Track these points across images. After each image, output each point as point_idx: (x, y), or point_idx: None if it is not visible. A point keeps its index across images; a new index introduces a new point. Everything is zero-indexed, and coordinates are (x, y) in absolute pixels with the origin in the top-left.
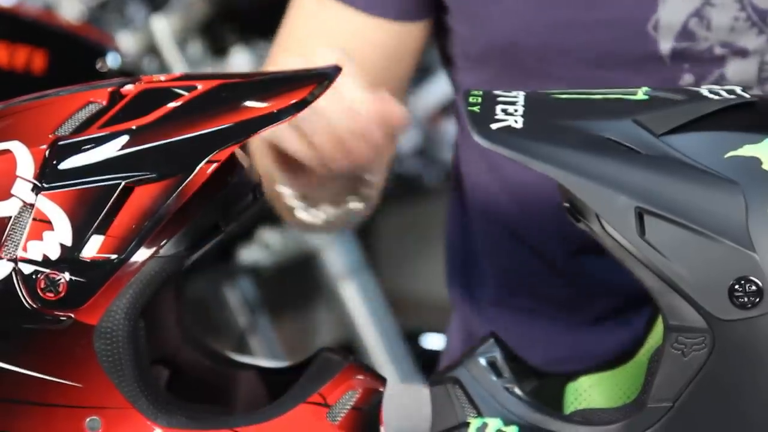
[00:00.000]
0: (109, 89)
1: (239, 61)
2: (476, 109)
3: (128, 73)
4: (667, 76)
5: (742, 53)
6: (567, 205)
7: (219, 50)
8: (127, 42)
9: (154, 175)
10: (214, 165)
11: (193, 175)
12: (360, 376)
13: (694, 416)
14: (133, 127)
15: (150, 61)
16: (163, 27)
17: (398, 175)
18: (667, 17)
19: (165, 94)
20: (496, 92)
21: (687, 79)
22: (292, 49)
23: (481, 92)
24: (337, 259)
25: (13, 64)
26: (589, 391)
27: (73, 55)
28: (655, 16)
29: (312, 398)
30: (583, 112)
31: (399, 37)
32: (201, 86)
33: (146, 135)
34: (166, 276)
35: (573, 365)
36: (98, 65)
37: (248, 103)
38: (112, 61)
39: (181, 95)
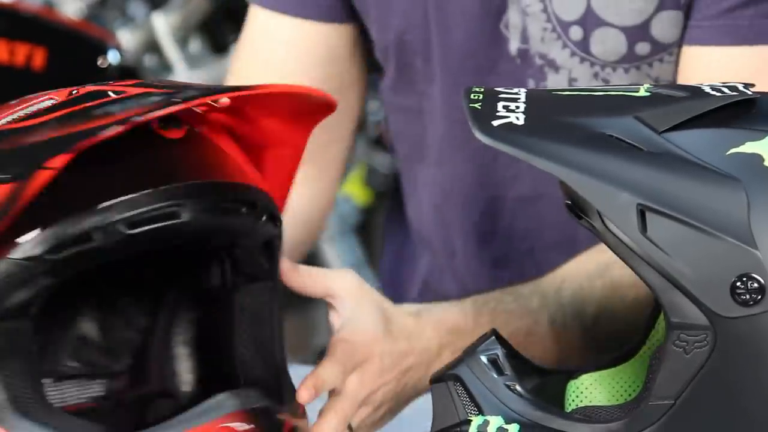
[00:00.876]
0: (72, 89)
1: None
2: (477, 105)
3: (128, 69)
4: (518, 78)
5: (554, 67)
6: (568, 202)
7: (219, 47)
8: (127, 39)
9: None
10: (50, 172)
11: (28, 180)
12: (239, 427)
13: (696, 414)
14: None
15: (150, 58)
16: (163, 24)
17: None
18: (514, 18)
19: (96, 95)
20: (498, 89)
21: (531, 85)
22: (240, 64)
23: (482, 89)
24: (337, 257)
25: (13, 60)
26: (590, 389)
27: (74, 52)
28: (506, 15)
29: None
30: (585, 109)
31: (328, 39)
32: (112, 93)
33: (12, 136)
34: (33, 278)
35: None
36: (99, 62)
37: (98, 112)
38: (112, 57)
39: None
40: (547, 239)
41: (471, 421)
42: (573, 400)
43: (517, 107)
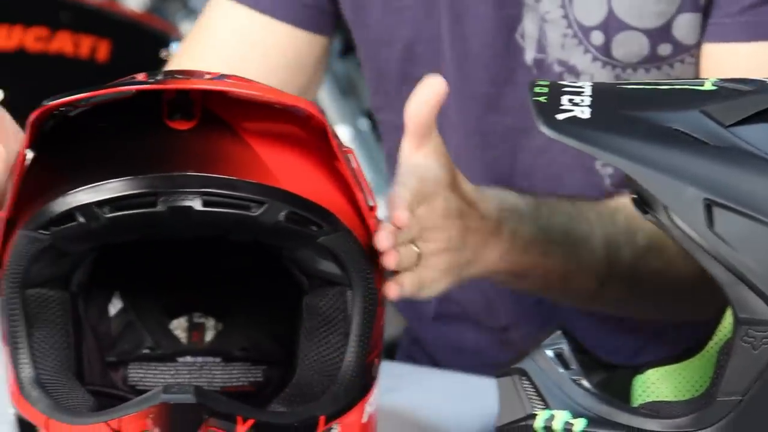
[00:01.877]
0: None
1: None
2: (542, 99)
3: None
4: None
5: (575, 72)
6: (634, 196)
7: None
8: (189, 31)
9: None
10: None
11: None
12: (161, 418)
13: (764, 410)
14: None
15: None
16: None
17: None
18: (529, 27)
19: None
20: (562, 82)
21: None
22: (192, 47)
23: (547, 82)
24: None
25: (78, 52)
26: (657, 384)
27: (137, 44)
28: (521, 25)
29: (112, 422)
30: (651, 103)
31: (301, 46)
32: None
33: None
34: (41, 251)
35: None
36: (162, 54)
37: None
38: (175, 50)
39: None
40: None
41: (537, 415)
42: (639, 395)
43: (582, 101)
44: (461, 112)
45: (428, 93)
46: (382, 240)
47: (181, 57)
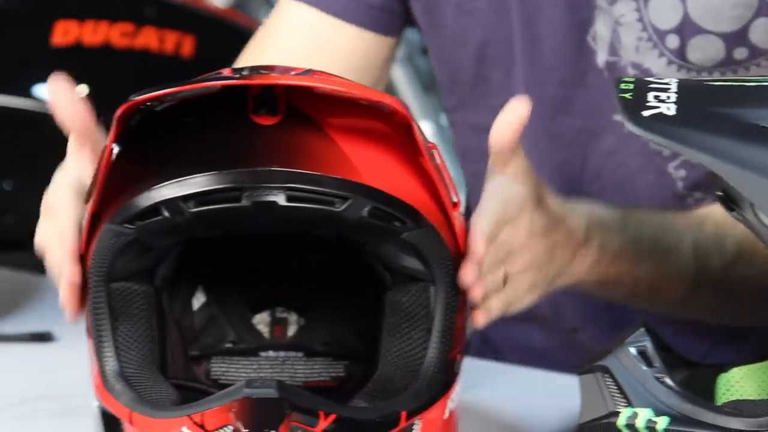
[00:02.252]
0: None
1: None
2: (628, 95)
3: None
4: (606, 90)
5: (649, 76)
6: (720, 194)
7: None
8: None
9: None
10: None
11: (107, 144)
12: (243, 412)
13: None
14: None
15: None
16: None
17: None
18: (601, 30)
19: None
20: (649, 79)
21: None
22: (261, 46)
23: (633, 79)
24: None
25: (162, 48)
26: (741, 383)
27: (221, 40)
28: (593, 28)
29: (195, 416)
30: (738, 100)
31: (369, 47)
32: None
33: None
34: (122, 247)
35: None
36: None
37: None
38: None
39: None
40: None
41: (619, 412)
42: (723, 394)
43: (668, 97)
44: (532, 115)
45: (512, 116)
46: (467, 277)
47: (249, 56)
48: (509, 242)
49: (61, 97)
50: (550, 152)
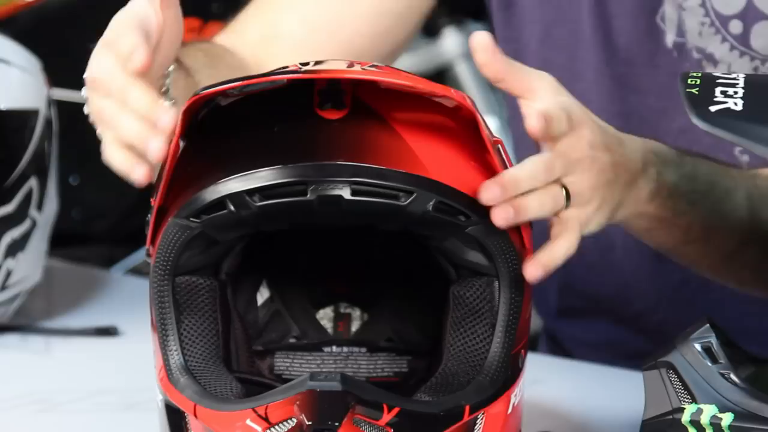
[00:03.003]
0: None
1: (450, 42)
2: (695, 90)
3: None
4: (675, 71)
5: (713, 61)
6: None
7: (430, 32)
8: None
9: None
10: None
11: (173, 140)
12: (307, 405)
13: None
14: None
15: None
16: None
17: None
18: (669, 11)
19: None
20: (716, 74)
21: None
22: (280, 14)
23: (699, 74)
24: None
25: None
26: None
27: None
28: (662, 8)
29: (259, 408)
30: None
31: (404, 3)
32: None
33: None
34: (186, 241)
35: None
36: None
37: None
38: None
39: None
40: None
41: (684, 409)
42: None
43: (735, 92)
44: (602, 94)
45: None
46: (487, 191)
47: (274, 22)
48: (571, 150)
49: None
50: (624, 131)
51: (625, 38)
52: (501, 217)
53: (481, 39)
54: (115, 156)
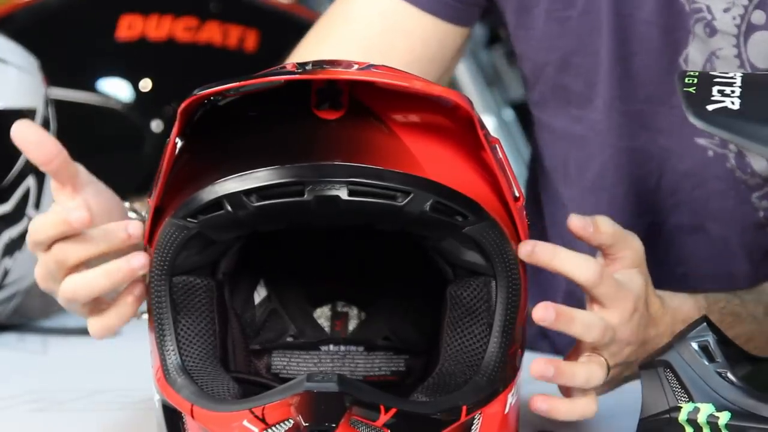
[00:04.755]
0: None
1: None
2: (692, 89)
3: None
4: None
5: None
6: None
7: None
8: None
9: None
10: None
11: (170, 140)
12: (304, 406)
13: None
14: None
15: None
16: None
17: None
18: (694, 55)
19: None
20: (713, 73)
21: None
22: (327, 31)
23: (696, 73)
24: None
25: (226, 42)
26: None
27: (285, 34)
28: (686, 50)
29: (256, 409)
30: None
31: (443, 37)
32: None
33: None
34: (185, 241)
35: None
36: None
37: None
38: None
39: None
40: (703, 270)
41: (681, 407)
42: None
43: (733, 92)
44: (612, 129)
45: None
46: (540, 369)
47: (314, 40)
48: (627, 338)
49: (29, 137)
50: (628, 167)
51: (645, 76)
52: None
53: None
54: None
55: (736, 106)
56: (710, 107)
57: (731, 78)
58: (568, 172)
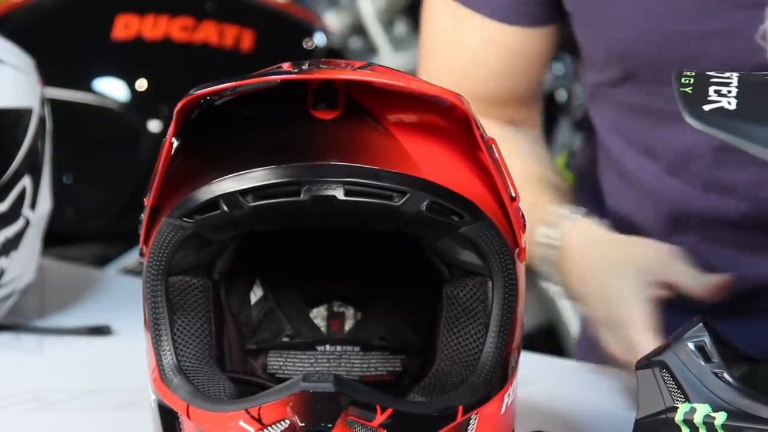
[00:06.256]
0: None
1: None
2: (688, 89)
3: (334, 51)
4: None
5: None
6: None
7: None
8: (333, 21)
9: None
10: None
11: (166, 140)
12: (300, 406)
13: None
14: None
15: (355, 40)
16: (369, 7)
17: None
18: None
19: None
20: (710, 73)
21: None
22: (437, 57)
23: (693, 73)
24: None
25: (222, 42)
26: None
27: (281, 34)
28: (762, 26)
29: (252, 410)
30: None
31: (528, 42)
32: None
33: None
34: (181, 240)
35: None
36: (305, 44)
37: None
38: (318, 40)
39: None
40: None
41: (677, 408)
42: None
43: (729, 92)
44: None
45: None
46: None
47: (431, 67)
48: None
49: None
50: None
51: (721, 54)
52: None
53: None
54: None
55: (733, 106)
56: (707, 107)
57: (727, 78)
58: (651, 147)
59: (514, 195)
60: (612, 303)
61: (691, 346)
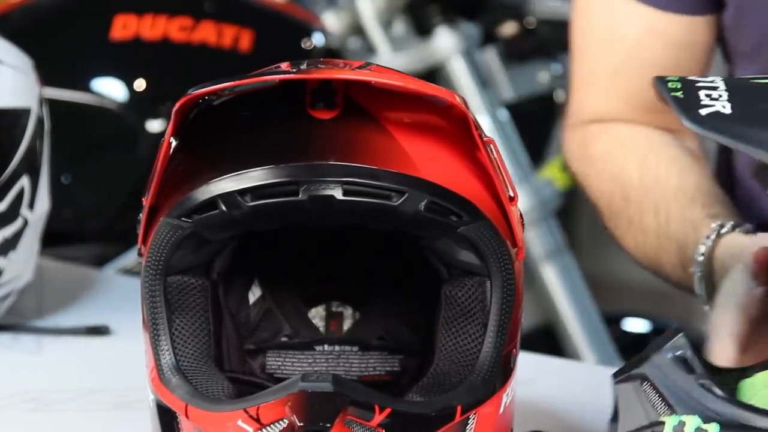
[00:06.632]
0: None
1: (443, 41)
2: (679, 94)
3: (333, 52)
4: None
5: None
6: None
7: (423, 30)
8: (332, 21)
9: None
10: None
11: (165, 140)
12: (299, 406)
13: None
14: None
15: (354, 40)
16: (368, 7)
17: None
18: None
19: None
20: (693, 78)
21: None
22: (592, 54)
23: (677, 78)
24: (538, 241)
25: (220, 42)
26: (764, 391)
27: (279, 34)
28: None
29: (251, 409)
30: None
31: (690, 32)
32: None
33: None
34: (179, 240)
35: None
36: (304, 44)
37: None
38: (317, 40)
39: None
40: None
41: (664, 422)
42: (747, 400)
43: (720, 96)
44: None
45: None
46: None
47: (589, 59)
48: None
49: None
50: None
51: None
52: None
53: None
54: None
55: (728, 110)
56: (703, 111)
57: (712, 82)
58: None
59: (512, 195)
60: (714, 309)
61: (672, 356)
